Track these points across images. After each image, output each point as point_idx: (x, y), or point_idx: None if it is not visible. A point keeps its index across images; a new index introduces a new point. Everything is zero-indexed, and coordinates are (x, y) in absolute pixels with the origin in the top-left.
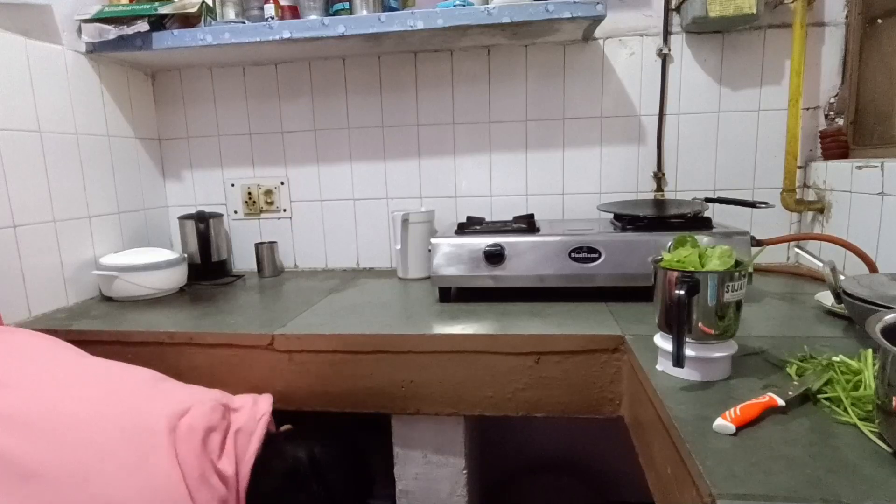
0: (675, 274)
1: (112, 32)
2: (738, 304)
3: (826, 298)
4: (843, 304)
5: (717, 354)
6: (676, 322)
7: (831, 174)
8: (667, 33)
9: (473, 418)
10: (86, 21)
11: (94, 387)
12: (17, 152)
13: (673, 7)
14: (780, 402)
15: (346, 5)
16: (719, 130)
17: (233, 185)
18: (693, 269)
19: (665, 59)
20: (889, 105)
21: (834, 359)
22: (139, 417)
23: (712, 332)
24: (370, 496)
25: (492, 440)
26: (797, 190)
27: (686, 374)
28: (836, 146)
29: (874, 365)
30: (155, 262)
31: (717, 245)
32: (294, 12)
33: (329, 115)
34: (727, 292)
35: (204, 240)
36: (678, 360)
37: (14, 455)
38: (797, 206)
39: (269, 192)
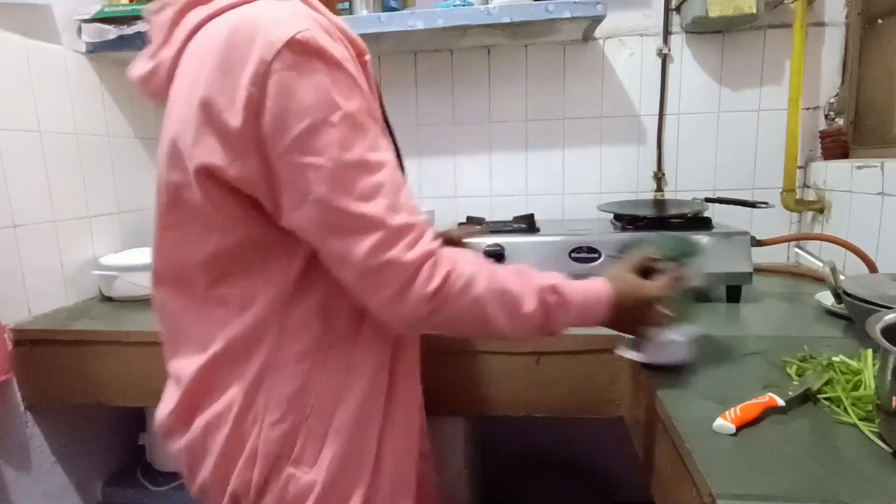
0: None
1: (112, 32)
2: (691, 293)
3: (826, 298)
4: (843, 304)
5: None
6: None
7: (831, 174)
8: (667, 33)
9: (473, 418)
10: (86, 21)
11: None
12: (17, 152)
13: (673, 7)
14: (780, 402)
15: (346, 5)
16: (719, 130)
17: None
18: None
19: (665, 59)
20: (889, 105)
21: (834, 359)
22: None
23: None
24: None
25: (492, 440)
26: (797, 190)
27: (644, 357)
28: (836, 146)
29: (874, 365)
30: None
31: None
32: None
33: None
34: None
35: None
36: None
37: None
38: (797, 206)
39: None
